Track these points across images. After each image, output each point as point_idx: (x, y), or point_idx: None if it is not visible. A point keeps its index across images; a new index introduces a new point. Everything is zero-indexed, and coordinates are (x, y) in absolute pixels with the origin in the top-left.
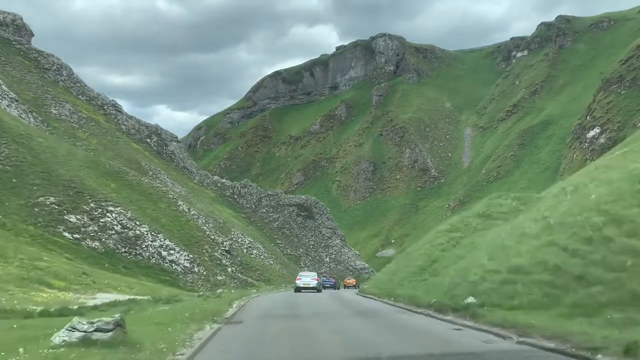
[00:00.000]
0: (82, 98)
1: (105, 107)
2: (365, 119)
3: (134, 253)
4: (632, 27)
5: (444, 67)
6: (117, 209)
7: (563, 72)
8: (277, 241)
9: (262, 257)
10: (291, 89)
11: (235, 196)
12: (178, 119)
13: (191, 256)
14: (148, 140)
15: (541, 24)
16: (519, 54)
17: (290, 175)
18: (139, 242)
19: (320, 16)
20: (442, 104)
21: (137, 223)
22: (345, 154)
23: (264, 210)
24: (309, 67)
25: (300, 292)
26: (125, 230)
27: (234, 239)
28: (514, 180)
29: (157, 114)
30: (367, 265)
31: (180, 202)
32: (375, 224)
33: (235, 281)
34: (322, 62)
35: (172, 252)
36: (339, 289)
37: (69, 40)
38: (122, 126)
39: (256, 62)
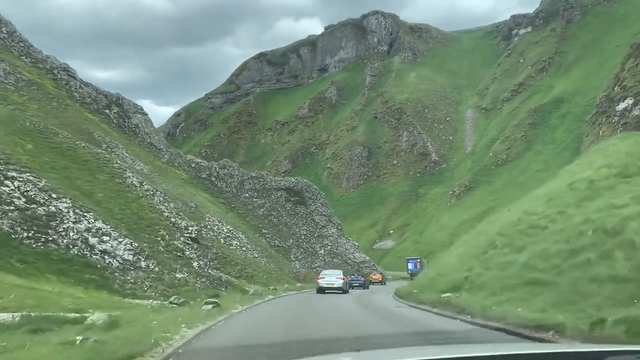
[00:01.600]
0: (26, 60)
1: (55, 71)
2: (358, 101)
3: (43, 240)
4: None
5: (440, 47)
6: (23, 175)
7: (573, 48)
8: (263, 231)
9: (244, 248)
10: (277, 71)
11: (213, 178)
12: (163, 114)
13: (136, 245)
14: (107, 111)
15: None
16: (522, 31)
17: (277, 163)
18: (53, 224)
19: (307, 9)
20: (440, 84)
21: (54, 196)
22: (336, 139)
23: (247, 195)
24: (296, 48)
25: (324, 293)
26: (33, 205)
27: (208, 227)
28: (526, 162)
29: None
30: (367, 257)
31: (129, 174)
32: (372, 214)
33: (204, 280)
34: (310, 43)
35: (105, 238)
36: (368, 287)
37: (50, 35)
38: (75, 94)
39: (242, 56)
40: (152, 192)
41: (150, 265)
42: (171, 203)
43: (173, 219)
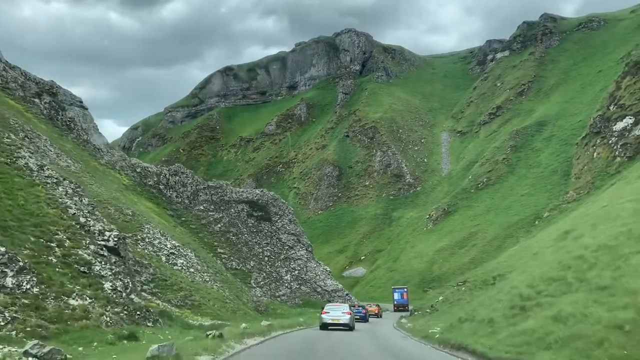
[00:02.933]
0: None
1: None
2: (329, 119)
3: None
4: (627, 26)
5: (413, 69)
6: None
7: (553, 73)
8: (219, 250)
9: (192, 270)
10: (244, 87)
11: (162, 186)
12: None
13: (3, 250)
14: (36, 100)
15: (523, 23)
16: (499, 55)
17: (240, 182)
18: None
19: (277, 37)
20: (414, 106)
21: None
22: (305, 158)
23: (201, 207)
24: (265, 64)
25: (327, 329)
26: None
27: (146, 240)
28: (509, 186)
29: (103, 128)
30: (340, 285)
31: (24, 153)
32: (341, 238)
33: (119, 310)
34: (280, 59)
35: None
36: (368, 320)
37: (13, 48)
38: None
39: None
40: (56, 181)
41: (25, 283)
42: (85, 199)
43: (83, 219)
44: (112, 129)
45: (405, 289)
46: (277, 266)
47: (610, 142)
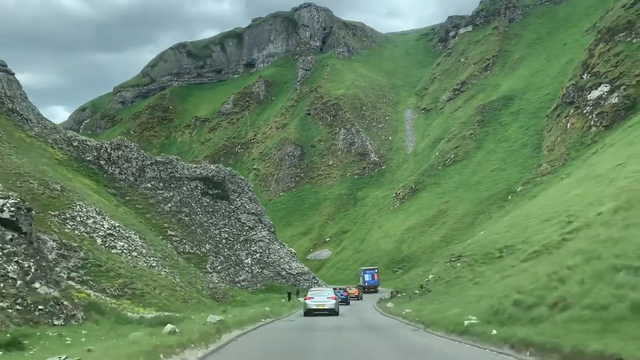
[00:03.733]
0: None
1: None
2: (289, 97)
3: None
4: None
5: (375, 47)
6: None
7: (517, 47)
8: (169, 232)
9: (134, 254)
10: (198, 65)
11: (102, 162)
12: None
13: None
14: None
15: None
16: (462, 30)
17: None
18: None
19: (233, 20)
20: (377, 82)
21: None
22: (264, 138)
23: (149, 185)
24: (220, 40)
25: (312, 315)
26: None
27: (77, 219)
28: (478, 161)
29: (53, 116)
30: (306, 268)
31: None
32: (305, 220)
33: (9, 304)
34: (236, 36)
35: None
36: (349, 303)
37: None
38: None
39: None
40: None
41: None
42: None
43: None
44: (63, 116)
45: (376, 270)
46: (237, 249)
47: (584, 111)
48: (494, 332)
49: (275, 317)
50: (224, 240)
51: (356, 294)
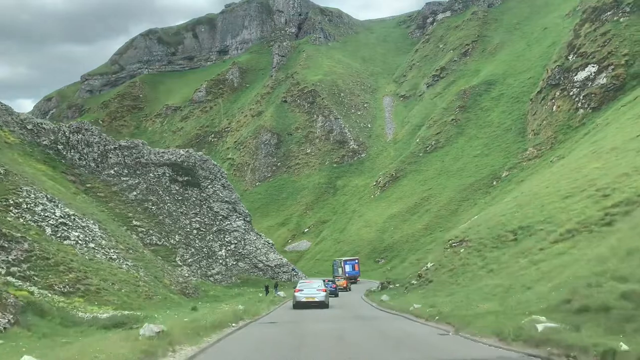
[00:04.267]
0: None
1: None
2: (264, 84)
3: None
4: None
5: (352, 33)
6: None
7: (497, 32)
8: (134, 222)
9: (91, 245)
10: (169, 52)
11: (60, 146)
12: None
13: None
14: None
15: None
16: (440, 16)
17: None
18: None
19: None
20: (355, 69)
21: None
22: (239, 126)
23: (112, 171)
24: (192, 27)
25: (301, 308)
26: None
27: (23, 207)
28: (460, 147)
29: (21, 110)
30: (285, 260)
31: None
32: (282, 210)
33: None
34: (208, 22)
35: None
36: (337, 295)
37: None
38: None
39: None
40: None
41: None
42: None
43: None
44: (30, 108)
45: (357, 260)
46: (209, 240)
47: (571, 93)
48: (624, 346)
49: (250, 319)
50: (195, 231)
51: (344, 285)
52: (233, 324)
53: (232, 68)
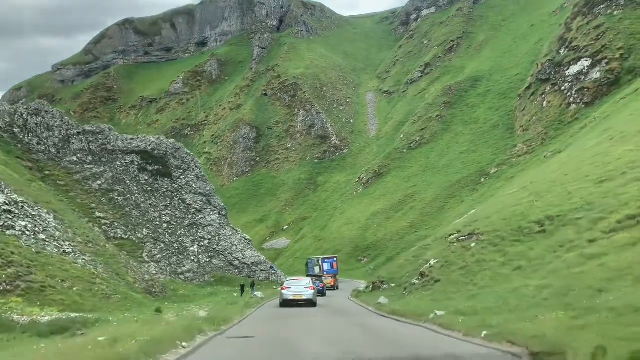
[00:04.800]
0: None
1: None
2: (244, 76)
3: None
4: None
5: (334, 28)
6: None
7: (482, 28)
8: (97, 213)
9: (41, 236)
10: (146, 42)
11: (16, 129)
12: None
13: None
14: None
15: None
16: (424, 12)
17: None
18: None
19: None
20: (337, 64)
21: None
22: (217, 119)
23: (74, 158)
24: (170, 17)
25: (289, 307)
26: None
27: None
28: (445, 144)
29: None
30: (262, 257)
31: None
32: (260, 207)
33: None
34: (187, 13)
35: None
36: (325, 294)
37: None
38: None
39: None
40: None
41: None
42: None
43: None
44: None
45: (335, 259)
46: (180, 235)
47: (562, 88)
48: None
49: (215, 331)
50: (165, 225)
51: (332, 284)
52: (184, 344)
53: (211, 60)
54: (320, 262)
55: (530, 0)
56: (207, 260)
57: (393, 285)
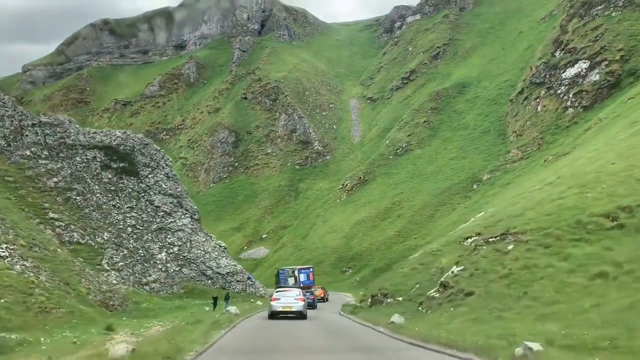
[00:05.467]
0: None
1: None
2: (223, 79)
3: None
4: None
5: (317, 35)
6: None
7: (469, 36)
8: (51, 214)
9: None
10: (122, 44)
11: None
12: None
13: None
14: None
15: None
16: (409, 19)
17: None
18: None
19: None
20: (320, 69)
21: None
22: (194, 123)
23: (28, 152)
24: (148, 19)
25: (278, 318)
26: None
27: None
28: (433, 150)
29: None
30: (239, 267)
31: None
32: (238, 214)
33: None
34: (165, 15)
35: None
36: (316, 307)
37: None
38: None
39: None
40: None
41: None
42: None
43: None
44: None
45: (311, 269)
46: (147, 240)
47: (558, 91)
48: None
49: None
50: (129, 229)
51: (322, 295)
52: None
53: (189, 62)
54: (296, 272)
55: (518, 9)
56: (177, 269)
57: (400, 299)
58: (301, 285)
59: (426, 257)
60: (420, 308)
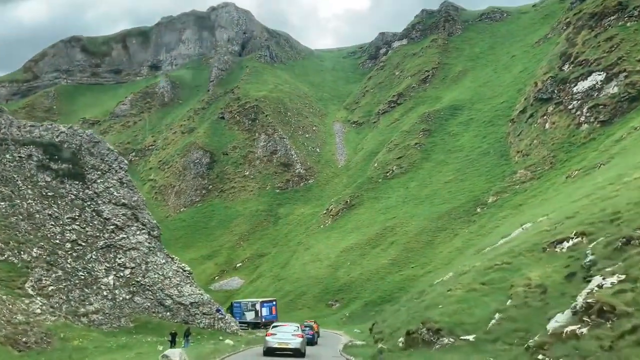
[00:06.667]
0: None
1: None
2: (199, 99)
3: None
4: (532, 17)
5: (300, 59)
6: None
7: (459, 60)
8: None
9: None
10: (93, 62)
11: None
12: None
13: None
14: None
15: (423, 11)
16: (396, 44)
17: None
18: None
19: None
20: (303, 92)
21: None
22: (166, 144)
23: None
24: (122, 38)
25: (273, 355)
26: None
27: None
28: (426, 173)
29: None
30: (207, 296)
31: None
32: (210, 241)
33: None
34: (141, 34)
35: None
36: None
37: None
38: None
39: None
40: None
41: None
42: None
43: None
44: None
45: (274, 302)
46: (90, 260)
47: (570, 107)
48: None
49: None
50: (68, 245)
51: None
52: None
53: (164, 80)
54: (257, 306)
55: (507, 34)
56: (127, 297)
57: (471, 338)
58: (264, 320)
59: (485, 274)
60: (532, 354)
